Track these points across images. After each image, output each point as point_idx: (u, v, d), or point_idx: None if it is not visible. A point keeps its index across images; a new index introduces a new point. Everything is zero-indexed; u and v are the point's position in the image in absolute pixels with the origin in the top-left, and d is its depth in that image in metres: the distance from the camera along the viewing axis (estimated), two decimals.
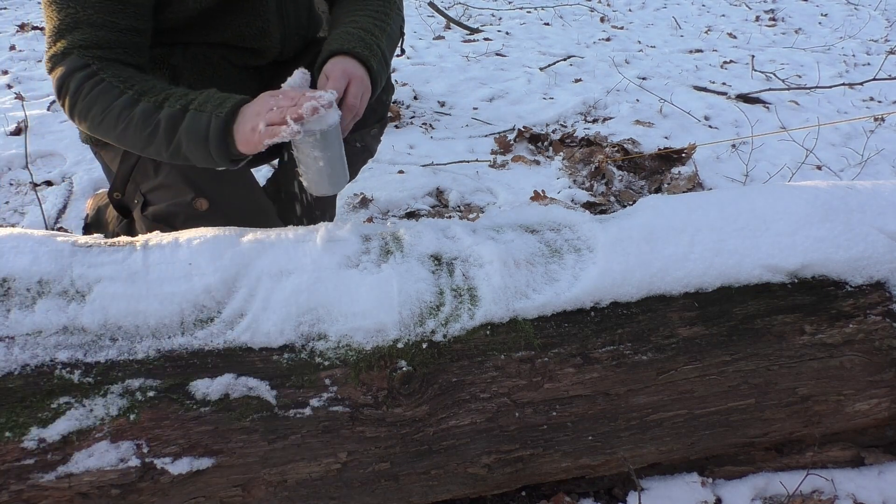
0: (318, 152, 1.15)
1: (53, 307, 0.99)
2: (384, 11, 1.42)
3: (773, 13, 5.88)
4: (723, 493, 1.31)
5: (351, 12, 1.40)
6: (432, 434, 1.09)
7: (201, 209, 1.38)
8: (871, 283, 1.26)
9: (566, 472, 1.21)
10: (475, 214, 2.34)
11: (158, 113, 1.17)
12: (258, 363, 1.03)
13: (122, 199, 1.50)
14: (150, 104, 1.17)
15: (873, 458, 1.36)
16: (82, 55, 1.21)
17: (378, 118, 1.70)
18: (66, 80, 1.21)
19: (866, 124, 3.22)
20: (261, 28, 1.43)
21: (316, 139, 1.13)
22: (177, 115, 1.16)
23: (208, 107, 1.15)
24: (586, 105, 3.38)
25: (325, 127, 1.14)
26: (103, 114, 1.19)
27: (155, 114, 1.17)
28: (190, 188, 1.37)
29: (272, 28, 1.45)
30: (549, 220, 1.29)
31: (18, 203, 2.32)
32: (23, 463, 0.94)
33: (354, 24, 1.35)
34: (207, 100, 1.16)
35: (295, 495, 1.07)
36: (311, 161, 1.16)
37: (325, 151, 1.16)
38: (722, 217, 1.25)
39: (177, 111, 1.16)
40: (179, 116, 1.16)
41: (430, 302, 1.11)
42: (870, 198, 1.32)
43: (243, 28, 1.41)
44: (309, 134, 1.12)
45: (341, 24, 1.37)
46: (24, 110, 2.79)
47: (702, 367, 1.18)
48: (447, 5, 5.54)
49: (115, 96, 1.18)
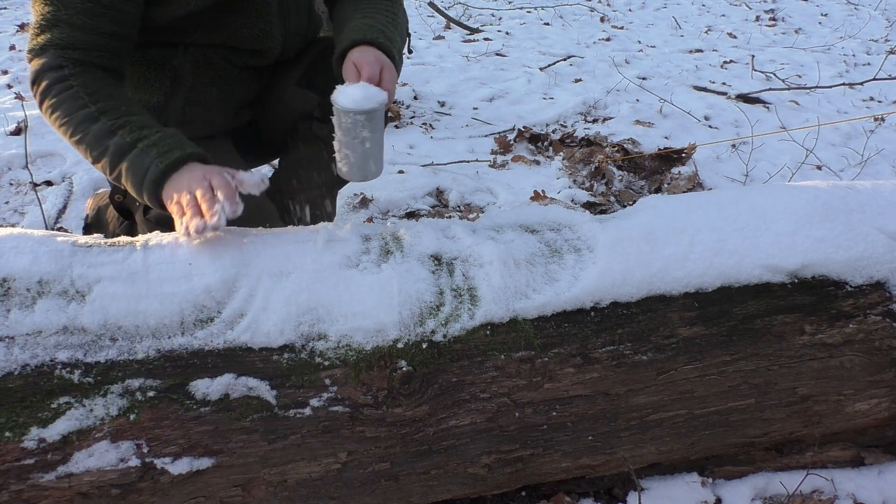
0: (367, 132, 1.17)
1: (53, 307, 0.99)
2: (393, 11, 1.43)
3: (773, 13, 5.88)
4: (723, 493, 1.31)
5: (361, 10, 1.40)
6: (432, 434, 1.09)
7: None
8: (871, 283, 1.26)
9: (566, 472, 1.21)
10: (475, 214, 2.34)
11: (111, 138, 1.19)
12: (258, 363, 1.03)
13: (123, 201, 1.50)
14: (106, 127, 1.19)
15: (873, 458, 1.36)
16: (58, 55, 1.23)
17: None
18: (40, 76, 1.24)
19: (866, 124, 3.22)
20: (262, 29, 1.43)
21: (365, 118, 1.15)
22: (125, 147, 1.18)
23: (154, 151, 1.16)
24: (586, 105, 3.38)
25: (375, 106, 1.15)
26: (64, 119, 1.22)
27: (107, 138, 1.19)
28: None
29: (274, 29, 1.45)
30: (549, 220, 1.29)
31: (18, 203, 2.32)
32: (23, 463, 0.94)
33: (371, 20, 1.35)
34: (158, 142, 1.18)
35: (295, 495, 1.07)
36: (357, 143, 1.17)
37: (372, 132, 1.17)
38: (722, 217, 1.25)
39: (126, 143, 1.18)
40: (127, 149, 1.18)
41: (430, 302, 1.11)
42: (870, 198, 1.32)
43: (244, 29, 1.41)
44: (357, 112, 1.14)
45: (354, 19, 1.37)
46: (24, 110, 2.79)
47: (702, 367, 1.18)
48: (447, 5, 5.54)
49: (79, 107, 1.21)
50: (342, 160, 1.21)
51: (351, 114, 1.15)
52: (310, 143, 1.64)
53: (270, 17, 1.43)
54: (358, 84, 1.19)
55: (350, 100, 1.16)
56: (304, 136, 1.66)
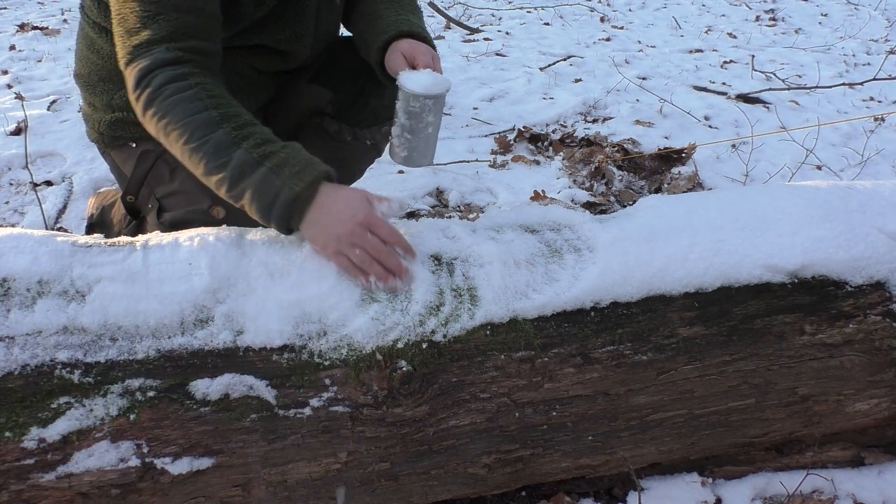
0: (432, 117, 1.19)
1: (53, 307, 0.99)
2: (417, 8, 1.44)
3: (773, 13, 5.88)
4: (723, 493, 1.31)
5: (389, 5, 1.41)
6: (432, 434, 1.09)
7: (218, 217, 1.37)
8: (871, 283, 1.26)
9: (566, 472, 1.21)
10: (475, 214, 2.34)
11: (234, 150, 1.08)
12: (258, 363, 1.03)
13: (135, 202, 1.49)
14: (230, 136, 1.09)
15: (873, 458, 1.36)
16: (171, 49, 1.13)
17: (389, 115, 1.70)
18: (151, 73, 1.12)
19: (866, 124, 3.22)
20: (296, 31, 1.42)
21: (433, 103, 1.17)
22: (250, 164, 1.07)
23: (286, 171, 1.07)
24: (586, 105, 3.38)
25: (443, 91, 1.18)
26: (180, 122, 1.10)
27: (230, 149, 1.08)
28: (207, 196, 1.33)
29: (308, 32, 1.44)
30: (549, 220, 1.29)
31: (18, 203, 2.32)
32: (23, 463, 0.94)
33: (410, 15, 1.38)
34: (286, 161, 1.08)
35: (295, 495, 1.07)
36: (421, 128, 1.19)
37: (437, 117, 1.20)
38: (722, 217, 1.25)
39: (252, 159, 1.07)
40: (253, 167, 1.07)
41: (430, 302, 1.11)
42: (870, 198, 1.32)
43: (279, 32, 1.39)
44: (427, 97, 1.17)
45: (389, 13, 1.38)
46: (24, 110, 2.79)
47: (702, 367, 1.18)
48: (447, 5, 5.54)
49: (199, 109, 1.10)
50: (403, 145, 1.23)
51: (421, 98, 1.17)
52: (320, 138, 1.64)
53: (308, 20, 1.42)
54: (424, 71, 1.22)
55: (420, 85, 1.18)
56: (315, 132, 1.66)
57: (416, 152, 1.23)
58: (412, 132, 1.19)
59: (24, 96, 3.12)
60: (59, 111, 2.98)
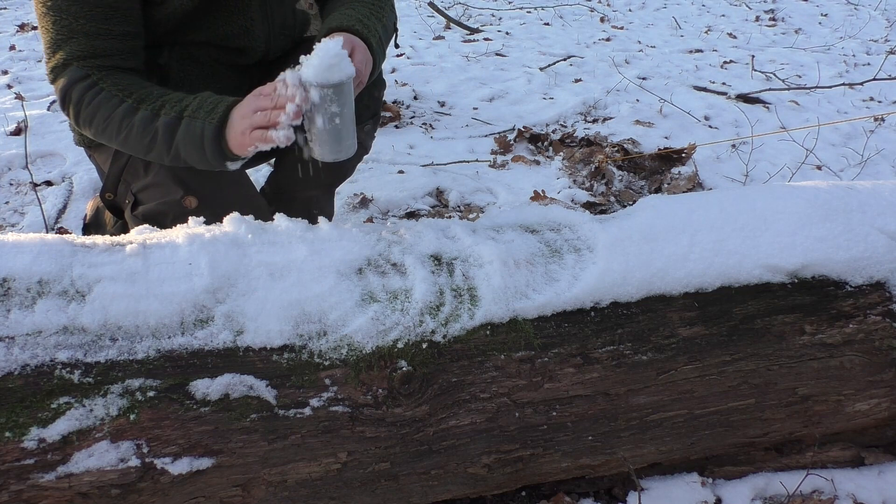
0: (336, 108, 1.14)
1: (53, 307, 0.99)
2: (379, 5, 1.43)
3: (773, 13, 5.88)
4: (723, 493, 1.31)
5: (346, 4, 1.41)
6: (432, 434, 1.09)
7: (190, 207, 1.39)
8: (871, 283, 1.26)
9: (566, 472, 1.21)
10: (475, 214, 2.34)
11: (156, 121, 1.20)
12: (258, 363, 1.03)
13: (114, 199, 1.50)
14: (149, 112, 1.21)
15: (873, 458, 1.36)
16: (81, 66, 1.24)
17: (371, 114, 1.70)
18: (68, 92, 1.25)
19: (866, 124, 3.22)
20: (243, 27, 1.43)
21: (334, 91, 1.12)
22: (173, 123, 1.19)
23: (201, 113, 1.18)
24: (586, 105, 3.38)
25: (343, 78, 1.12)
26: (105, 122, 1.23)
27: (153, 122, 1.20)
28: (179, 187, 1.38)
29: (255, 27, 1.45)
30: (549, 220, 1.29)
31: (18, 203, 2.32)
32: (23, 463, 0.94)
33: (352, 10, 1.36)
34: (200, 105, 1.19)
35: (295, 495, 1.07)
36: (326, 120, 1.14)
37: (342, 107, 1.14)
38: (722, 217, 1.25)
39: (172, 119, 1.19)
40: (175, 124, 1.19)
41: (430, 302, 1.11)
42: (870, 198, 1.32)
43: (225, 27, 1.41)
44: (327, 86, 1.11)
45: (336, 10, 1.39)
46: (24, 110, 2.79)
47: (702, 367, 1.18)
48: (447, 5, 5.54)
49: (115, 105, 1.22)
50: (312, 141, 1.18)
51: (319, 87, 1.11)
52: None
53: (252, 13, 1.43)
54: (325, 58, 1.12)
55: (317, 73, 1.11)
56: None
57: (327, 146, 1.15)
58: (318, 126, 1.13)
59: (24, 96, 3.12)
60: (59, 111, 2.98)
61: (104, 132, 1.25)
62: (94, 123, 1.24)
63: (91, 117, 1.24)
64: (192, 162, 1.22)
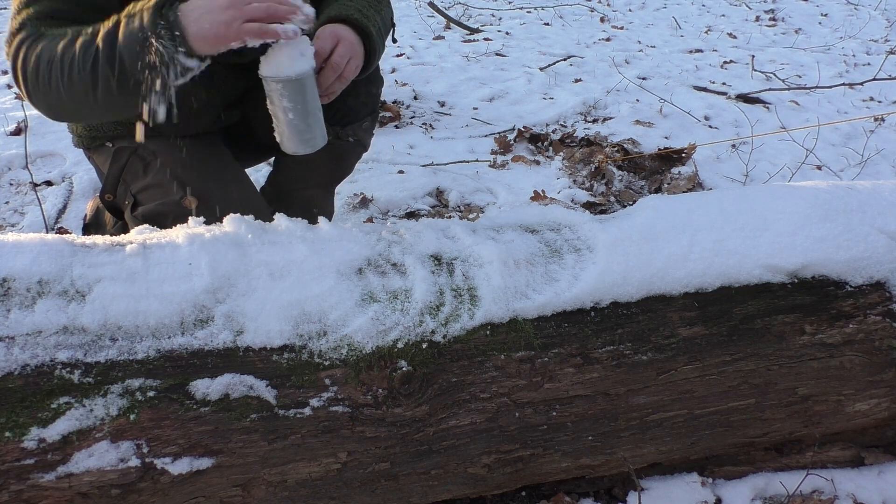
0: (287, 102, 1.12)
1: (53, 307, 0.99)
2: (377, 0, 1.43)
3: (773, 13, 5.88)
4: (723, 493, 1.31)
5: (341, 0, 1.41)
6: (432, 434, 1.09)
7: (190, 207, 1.39)
8: (871, 283, 1.26)
9: (566, 472, 1.21)
10: (475, 214, 2.34)
11: (95, 39, 1.05)
12: (258, 363, 1.03)
13: (113, 200, 1.50)
14: (88, 36, 1.06)
15: (873, 458, 1.36)
16: (36, 25, 1.13)
17: (369, 111, 1.70)
18: (17, 52, 1.12)
19: (866, 124, 3.22)
20: None
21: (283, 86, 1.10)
22: (111, 32, 1.04)
23: (138, 6, 1.03)
24: (586, 105, 3.38)
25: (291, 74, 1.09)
26: (48, 67, 1.07)
27: (92, 43, 1.05)
28: (179, 187, 1.38)
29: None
30: (549, 220, 1.29)
31: (18, 203, 2.32)
32: (23, 463, 0.94)
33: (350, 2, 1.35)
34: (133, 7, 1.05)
35: (295, 495, 1.07)
36: (281, 112, 1.13)
37: (293, 103, 1.12)
38: (722, 217, 1.25)
39: (110, 28, 1.04)
40: (113, 31, 1.04)
41: (430, 302, 1.11)
42: (870, 198, 1.32)
43: None
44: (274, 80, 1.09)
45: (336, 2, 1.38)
46: (24, 110, 2.79)
47: (702, 367, 1.18)
48: (447, 5, 5.54)
49: (56, 43, 1.08)
50: (276, 130, 1.18)
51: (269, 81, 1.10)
52: None
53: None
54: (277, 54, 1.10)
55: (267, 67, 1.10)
56: None
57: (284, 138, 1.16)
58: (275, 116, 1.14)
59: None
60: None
61: (50, 81, 1.08)
62: (40, 76, 1.08)
63: (36, 71, 1.08)
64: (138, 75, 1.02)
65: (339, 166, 1.81)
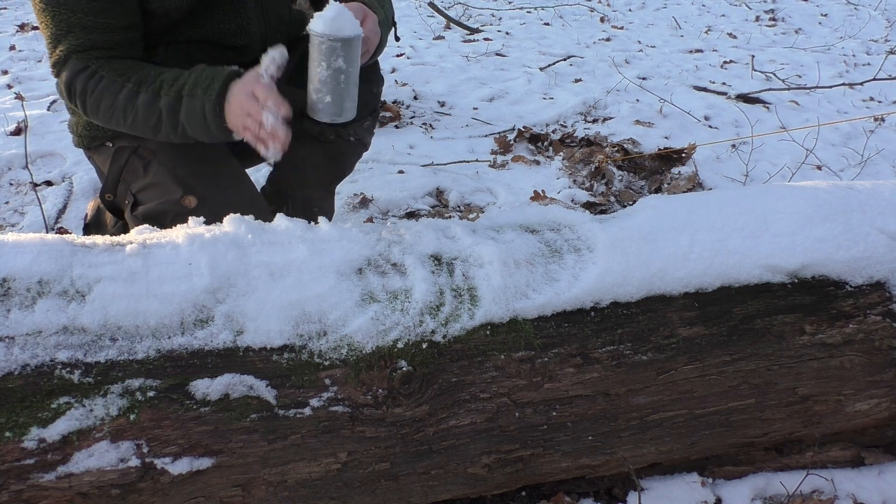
0: (342, 63, 1.12)
1: (53, 307, 0.99)
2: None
3: (773, 13, 5.88)
4: (723, 493, 1.31)
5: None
6: (432, 434, 1.09)
7: (189, 206, 1.39)
8: (871, 283, 1.26)
9: (566, 472, 1.21)
10: (475, 214, 2.34)
11: (158, 102, 1.24)
12: (258, 363, 1.03)
13: (113, 200, 1.50)
14: (149, 94, 1.24)
15: (873, 458, 1.36)
16: (80, 58, 1.27)
17: (370, 110, 1.70)
18: (72, 84, 1.28)
19: (866, 124, 3.22)
20: (241, 25, 1.43)
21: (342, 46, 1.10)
22: (174, 104, 1.23)
23: (198, 91, 1.21)
24: (586, 105, 3.38)
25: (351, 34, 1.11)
26: (111, 109, 1.27)
27: (155, 103, 1.24)
28: (178, 186, 1.38)
29: (252, 25, 1.45)
30: (549, 220, 1.29)
31: (18, 203, 2.32)
32: (23, 463, 0.94)
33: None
34: (197, 83, 1.22)
35: (295, 495, 1.07)
36: (331, 74, 1.13)
37: (347, 63, 1.13)
38: (722, 217, 1.25)
39: (172, 99, 1.23)
40: (176, 104, 1.23)
41: (430, 302, 1.11)
42: (870, 198, 1.32)
43: (223, 25, 1.42)
44: (333, 39, 1.10)
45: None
46: (24, 110, 2.79)
47: (702, 367, 1.18)
48: (447, 5, 5.54)
49: (117, 91, 1.26)
50: (315, 95, 1.18)
51: (327, 39, 1.11)
52: (303, 140, 1.64)
53: (248, 12, 1.43)
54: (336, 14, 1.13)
55: (327, 26, 1.11)
56: (297, 135, 1.66)
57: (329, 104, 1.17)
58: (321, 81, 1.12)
59: (24, 96, 3.12)
60: (59, 111, 2.98)
61: (112, 118, 1.28)
62: (101, 111, 1.28)
63: (97, 106, 1.28)
64: (200, 138, 1.26)
65: (340, 166, 1.81)
